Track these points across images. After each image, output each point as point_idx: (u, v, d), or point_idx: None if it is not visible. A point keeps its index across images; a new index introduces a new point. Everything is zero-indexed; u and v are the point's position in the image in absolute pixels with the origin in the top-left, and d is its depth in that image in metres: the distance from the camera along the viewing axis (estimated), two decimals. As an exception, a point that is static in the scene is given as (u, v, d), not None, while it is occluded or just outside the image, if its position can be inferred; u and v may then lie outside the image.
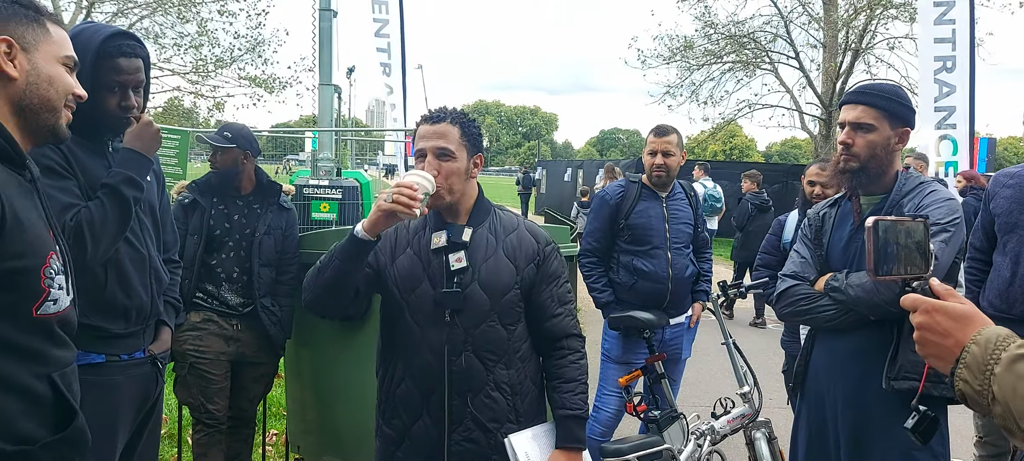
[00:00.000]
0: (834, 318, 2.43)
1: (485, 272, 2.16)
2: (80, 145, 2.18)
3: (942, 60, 7.43)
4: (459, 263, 2.16)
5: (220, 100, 17.68)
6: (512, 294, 2.17)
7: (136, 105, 2.27)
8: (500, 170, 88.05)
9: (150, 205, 2.39)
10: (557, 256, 2.27)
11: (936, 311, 1.25)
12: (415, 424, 2.19)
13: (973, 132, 7.22)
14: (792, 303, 2.55)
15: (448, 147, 2.14)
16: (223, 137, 3.49)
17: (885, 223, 1.46)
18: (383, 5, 11.83)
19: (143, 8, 16.32)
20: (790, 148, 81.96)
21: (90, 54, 2.16)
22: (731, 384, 4.06)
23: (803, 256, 2.61)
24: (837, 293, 2.40)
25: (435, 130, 2.15)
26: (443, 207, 2.19)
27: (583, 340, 2.29)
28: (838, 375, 2.47)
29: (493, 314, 2.15)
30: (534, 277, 2.21)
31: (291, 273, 3.51)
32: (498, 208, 2.32)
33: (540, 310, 2.22)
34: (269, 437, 4.42)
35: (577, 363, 2.24)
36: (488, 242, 2.19)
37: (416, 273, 2.19)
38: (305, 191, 7.25)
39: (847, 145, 2.45)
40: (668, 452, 3.44)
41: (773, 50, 20.04)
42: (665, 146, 3.80)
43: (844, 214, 2.56)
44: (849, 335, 2.43)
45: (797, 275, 2.57)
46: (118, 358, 2.23)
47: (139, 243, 2.30)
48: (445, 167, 2.13)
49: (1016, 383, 1.11)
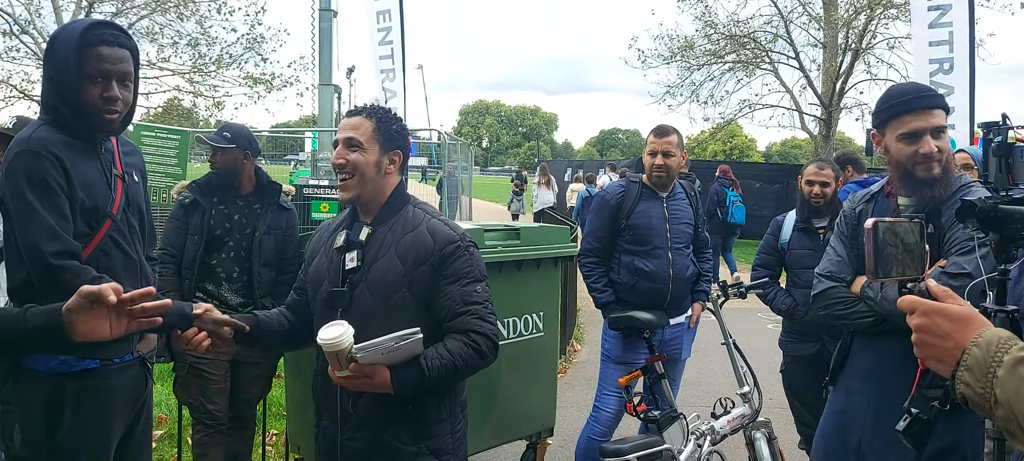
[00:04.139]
0: (872, 325, 2.33)
1: (374, 272, 2.15)
2: (72, 147, 2.14)
3: (938, 62, 7.45)
4: (351, 262, 2.18)
5: (220, 99, 17.66)
6: (399, 295, 2.10)
7: (120, 97, 2.17)
8: (500, 170, 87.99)
9: (138, 207, 2.37)
10: (461, 255, 2.14)
11: (934, 313, 1.24)
12: (320, 422, 2.27)
13: (973, 132, 7.21)
14: (828, 306, 2.44)
15: (357, 138, 2.17)
16: (223, 137, 3.49)
17: (884, 225, 1.46)
18: (386, 13, 11.84)
19: (142, 7, 16.30)
20: (790, 148, 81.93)
21: (72, 44, 2.11)
22: (731, 384, 4.06)
23: (840, 255, 2.49)
24: (872, 302, 2.32)
25: (350, 122, 2.20)
26: (354, 201, 2.21)
27: (492, 343, 2.12)
28: (873, 376, 2.40)
29: (379, 315, 2.08)
30: (429, 278, 2.11)
31: (292, 273, 3.51)
32: (417, 205, 2.26)
33: (442, 311, 2.11)
34: (269, 437, 4.42)
35: (467, 349, 2.07)
36: (384, 242, 2.17)
37: (321, 273, 2.26)
38: (305, 191, 7.26)
39: (930, 154, 2.22)
40: (668, 452, 3.44)
41: (773, 50, 20.02)
42: (665, 146, 3.79)
43: (881, 212, 2.43)
44: (887, 339, 2.32)
45: (834, 276, 2.46)
46: (111, 362, 2.22)
47: (130, 248, 2.28)
48: (352, 157, 2.15)
49: (1020, 386, 1.09)
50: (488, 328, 2.12)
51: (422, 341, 2.00)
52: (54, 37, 2.22)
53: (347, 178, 2.16)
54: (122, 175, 2.30)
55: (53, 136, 2.12)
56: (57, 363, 2.12)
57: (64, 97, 2.14)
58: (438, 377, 2.03)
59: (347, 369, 1.95)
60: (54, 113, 2.17)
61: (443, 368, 2.03)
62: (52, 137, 2.11)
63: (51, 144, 2.09)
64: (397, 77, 11.74)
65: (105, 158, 2.26)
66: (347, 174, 2.16)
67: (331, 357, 1.97)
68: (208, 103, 18.13)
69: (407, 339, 1.97)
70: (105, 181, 2.22)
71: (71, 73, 2.11)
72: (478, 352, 2.09)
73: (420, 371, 2.01)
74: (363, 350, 1.93)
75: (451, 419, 2.21)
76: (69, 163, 2.11)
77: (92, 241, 2.17)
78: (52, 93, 2.17)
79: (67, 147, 2.12)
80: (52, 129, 2.14)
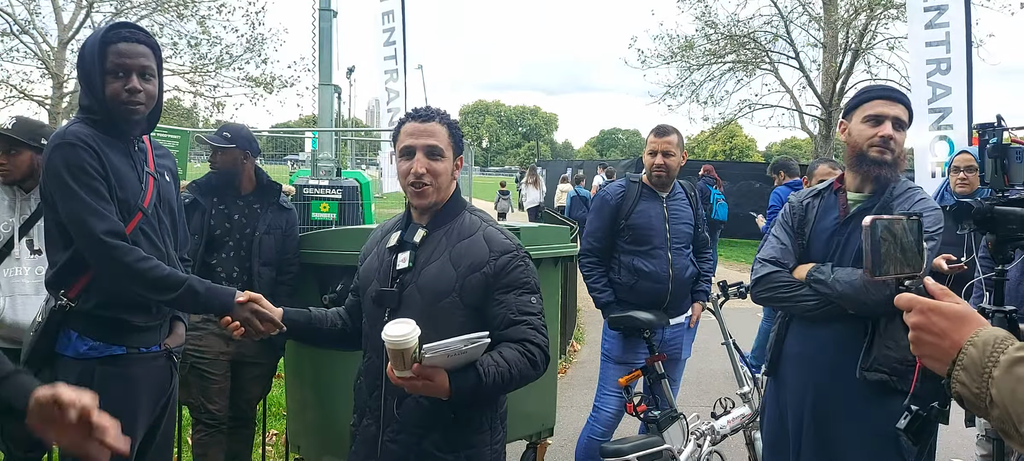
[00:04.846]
0: (814, 309, 2.45)
1: (425, 274, 2.12)
2: (108, 144, 2.27)
3: (936, 62, 7.43)
4: (403, 263, 2.15)
5: (220, 99, 17.67)
6: (449, 300, 2.08)
7: (142, 90, 2.29)
8: (500, 170, 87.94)
9: (170, 206, 2.48)
10: (518, 265, 2.11)
11: (932, 311, 1.23)
12: (362, 421, 2.25)
13: (970, 134, 7.19)
14: (772, 289, 2.57)
15: (438, 145, 2.12)
16: (223, 137, 3.49)
17: (882, 222, 1.46)
18: (390, 14, 11.85)
19: (141, 7, 16.29)
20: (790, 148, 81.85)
21: (95, 47, 2.25)
22: (731, 384, 4.07)
23: (783, 243, 2.62)
24: (821, 286, 2.42)
25: (425, 128, 2.13)
26: (425, 207, 2.17)
27: (545, 355, 2.09)
28: (811, 363, 2.51)
29: (427, 318, 2.02)
30: (482, 286, 2.08)
31: (292, 273, 3.52)
32: (473, 212, 2.25)
33: (495, 319, 2.08)
34: (269, 437, 4.43)
35: (523, 358, 2.04)
36: (439, 245, 2.14)
37: (371, 271, 2.24)
38: (305, 191, 7.25)
39: (888, 138, 2.42)
40: (668, 452, 3.45)
41: (773, 50, 20.02)
42: (665, 146, 3.80)
43: (828, 206, 2.58)
44: (825, 325, 2.47)
45: (777, 261, 2.59)
46: (137, 350, 2.32)
47: (160, 243, 2.37)
48: (434, 166, 2.11)
49: (1015, 386, 1.08)
50: (542, 340, 2.09)
51: (486, 347, 1.96)
52: (84, 42, 2.39)
53: (427, 186, 2.12)
54: (154, 173, 2.41)
55: (87, 130, 2.25)
56: (86, 348, 2.25)
57: (93, 95, 2.28)
58: (494, 385, 1.98)
59: (410, 369, 1.88)
60: (88, 111, 2.30)
61: (499, 376, 1.98)
62: (86, 131, 2.25)
63: (86, 136, 2.23)
64: (400, 77, 11.76)
65: (137, 156, 2.37)
66: (427, 182, 2.11)
67: (395, 355, 1.88)
68: (208, 103, 18.14)
69: (474, 342, 1.90)
70: (136, 177, 2.34)
71: (95, 71, 2.25)
72: (532, 363, 2.05)
73: (478, 378, 1.95)
74: (432, 350, 1.85)
75: (491, 430, 2.18)
76: (103, 155, 2.23)
77: None
78: (84, 93, 2.33)
79: (100, 141, 2.25)
80: (86, 125, 2.27)
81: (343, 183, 7.56)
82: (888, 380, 2.33)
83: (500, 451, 2.23)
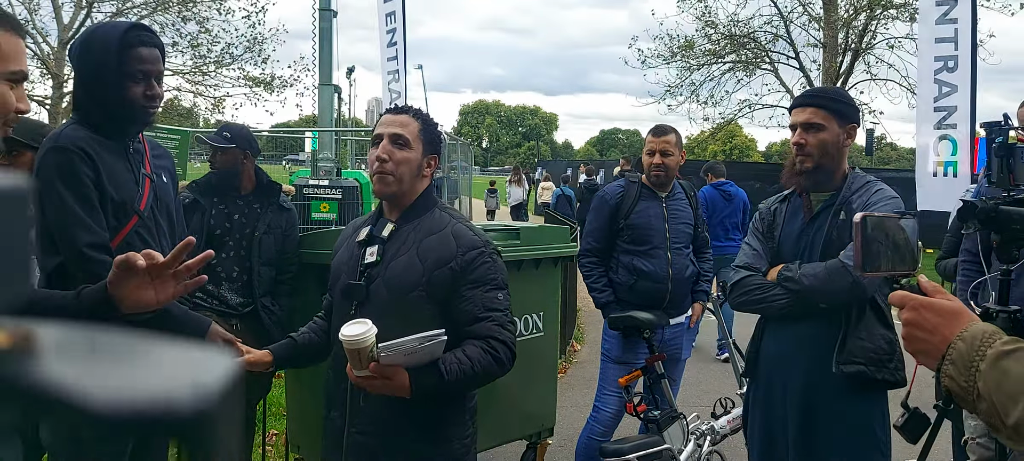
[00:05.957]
0: (786, 306, 2.51)
1: (392, 269, 2.12)
2: (104, 146, 2.24)
3: (943, 60, 7.38)
4: (371, 257, 2.17)
5: (220, 99, 17.66)
6: (415, 294, 2.08)
7: (160, 94, 2.32)
8: (500, 170, 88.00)
9: (167, 207, 2.45)
10: (485, 261, 2.12)
11: (924, 308, 1.25)
12: (330, 413, 2.26)
13: (974, 132, 7.17)
14: (746, 292, 2.62)
15: (405, 136, 2.15)
16: (223, 137, 3.49)
17: (873, 219, 1.47)
18: (393, 15, 11.86)
19: (142, 7, 16.29)
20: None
21: (114, 47, 2.22)
22: (731, 384, 4.06)
23: (755, 248, 2.69)
24: (790, 283, 2.48)
25: (396, 119, 2.19)
26: (389, 197, 2.19)
27: (510, 351, 2.10)
28: (788, 361, 2.57)
29: (395, 313, 2.05)
30: (449, 281, 2.07)
31: (291, 273, 3.51)
32: (444, 209, 2.26)
33: (462, 314, 2.08)
34: (269, 437, 4.42)
35: (486, 355, 2.04)
36: (407, 240, 2.15)
37: (341, 266, 2.26)
38: (305, 191, 7.25)
39: (801, 145, 2.53)
40: (668, 452, 3.44)
41: (773, 50, 20.01)
42: (664, 146, 3.79)
43: (794, 209, 2.66)
44: (799, 323, 2.53)
45: (750, 266, 2.66)
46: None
47: (155, 244, 2.33)
48: (397, 154, 2.13)
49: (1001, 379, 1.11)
50: (508, 336, 2.09)
51: (445, 344, 1.96)
52: (87, 41, 2.31)
53: (388, 173, 2.14)
54: (151, 175, 2.39)
55: (82, 133, 2.22)
56: None
57: (100, 97, 2.24)
58: (456, 382, 2.00)
59: (367, 368, 1.90)
60: (84, 113, 2.27)
61: (461, 373, 1.99)
62: (81, 134, 2.21)
63: (80, 141, 2.19)
64: (401, 78, 11.77)
65: (134, 158, 2.34)
66: (389, 170, 2.13)
67: (352, 355, 1.90)
68: (208, 103, 18.14)
69: (431, 340, 1.91)
70: (133, 179, 2.31)
71: (112, 74, 2.21)
72: (496, 359, 2.06)
73: (439, 375, 1.96)
74: (387, 350, 1.86)
75: (460, 424, 2.19)
76: (98, 159, 2.20)
77: (118, 236, 2.24)
78: (85, 94, 2.28)
79: (96, 144, 2.22)
80: (81, 128, 2.24)
81: (343, 183, 7.56)
82: (865, 370, 2.40)
83: (470, 445, 2.24)
